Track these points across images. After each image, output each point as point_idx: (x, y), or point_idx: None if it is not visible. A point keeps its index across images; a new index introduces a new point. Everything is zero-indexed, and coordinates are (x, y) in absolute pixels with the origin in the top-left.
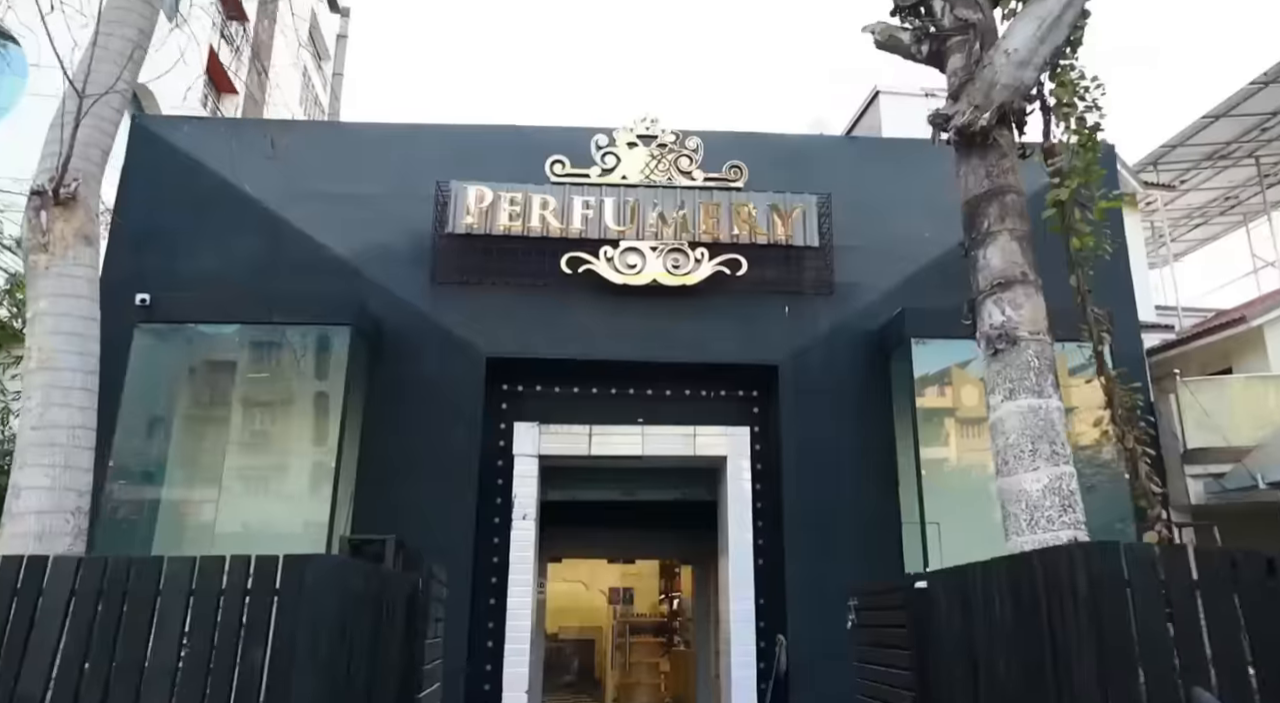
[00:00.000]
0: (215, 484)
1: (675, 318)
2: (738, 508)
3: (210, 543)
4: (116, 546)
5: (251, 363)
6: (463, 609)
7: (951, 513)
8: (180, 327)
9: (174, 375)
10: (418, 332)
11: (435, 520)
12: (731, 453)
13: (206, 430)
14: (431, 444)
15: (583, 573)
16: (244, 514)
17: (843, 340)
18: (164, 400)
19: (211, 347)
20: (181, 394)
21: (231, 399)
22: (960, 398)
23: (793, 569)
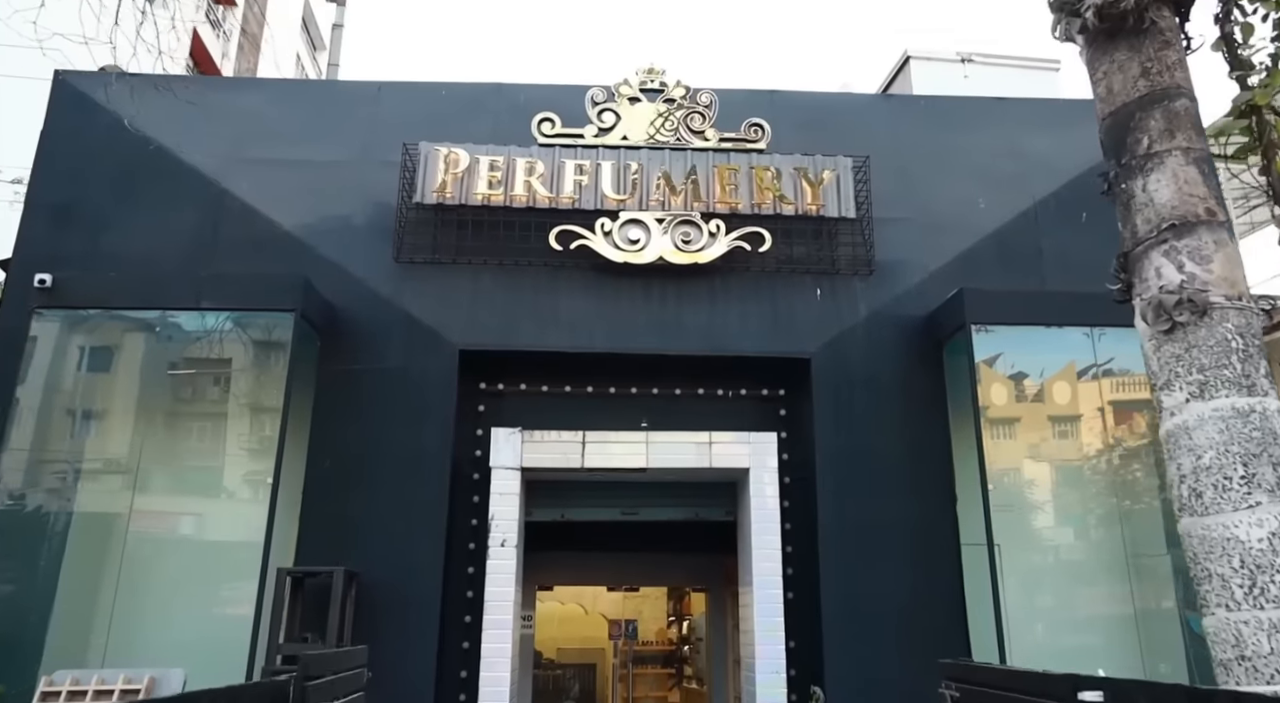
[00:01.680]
0: (128, 496)
1: (686, 303)
2: (763, 530)
3: (116, 569)
4: (16, 566)
5: (176, 356)
6: (426, 659)
7: (1020, 534)
8: (87, 313)
9: (80, 369)
10: (378, 320)
11: (396, 545)
12: (754, 464)
13: (119, 434)
14: (393, 454)
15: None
16: (162, 534)
17: (886, 329)
18: (69, 398)
19: (126, 336)
20: (91, 391)
21: (151, 398)
22: (1030, 395)
23: (830, 604)
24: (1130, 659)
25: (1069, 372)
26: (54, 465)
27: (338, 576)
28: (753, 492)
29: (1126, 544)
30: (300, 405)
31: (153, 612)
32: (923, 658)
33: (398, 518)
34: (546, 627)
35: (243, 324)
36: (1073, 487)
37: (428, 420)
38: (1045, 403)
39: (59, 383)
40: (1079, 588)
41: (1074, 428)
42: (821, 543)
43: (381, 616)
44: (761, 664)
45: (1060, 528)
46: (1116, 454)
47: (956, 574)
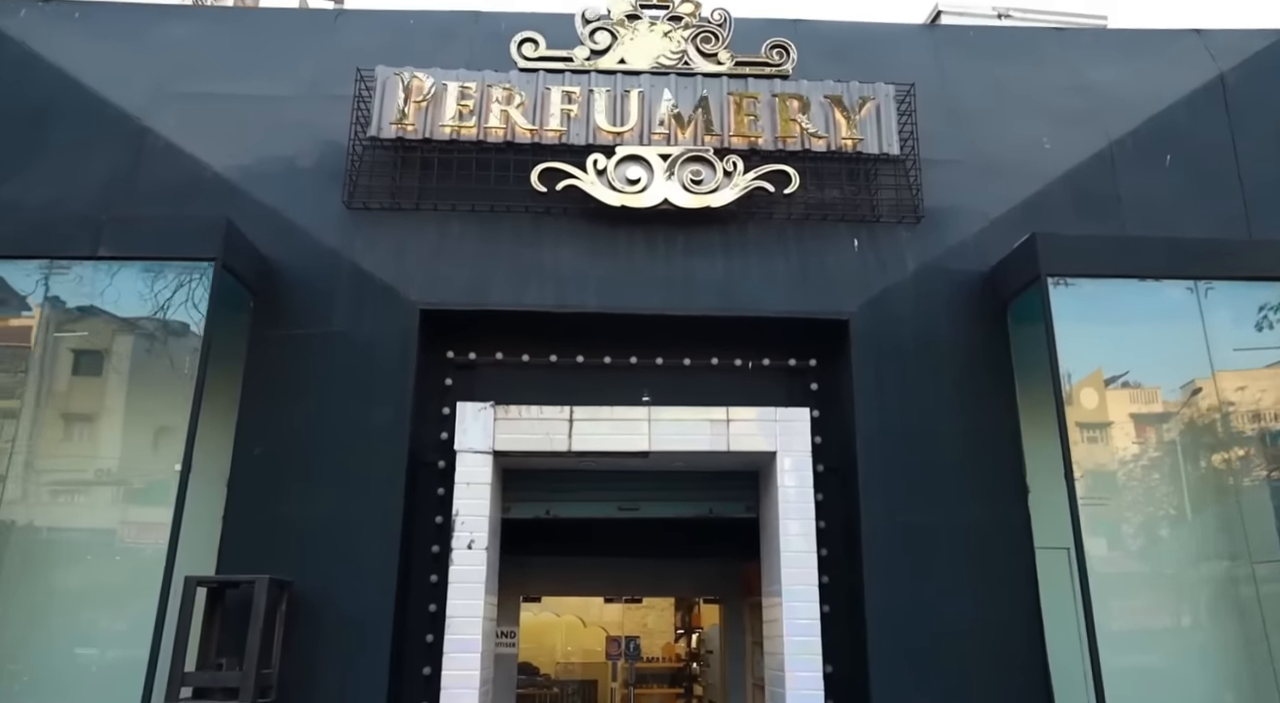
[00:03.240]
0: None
1: (697, 254)
2: (794, 529)
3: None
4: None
5: (64, 318)
6: (375, 689)
7: (1110, 535)
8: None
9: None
10: (322, 275)
11: (341, 549)
12: (782, 447)
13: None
14: (338, 438)
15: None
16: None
17: (938, 286)
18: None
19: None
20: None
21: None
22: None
23: (877, 622)
24: (1266, 696)
25: (1168, 335)
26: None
27: (260, 585)
28: (780, 481)
29: (1250, 550)
30: (226, 381)
31: (28, 637)
32: (992, 690)
33: (343, 516)
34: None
35: (152, 278)
36: (1176, 478)
37: (381, 396)
38: (1140, 373)
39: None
40: (1189, 603)
41: (1178, 404)
42: (866, 546)
43: (321, 635)
44: (795, 695)
45: (1161, 528)
46: (1235, 437)
47: (1031, 583)
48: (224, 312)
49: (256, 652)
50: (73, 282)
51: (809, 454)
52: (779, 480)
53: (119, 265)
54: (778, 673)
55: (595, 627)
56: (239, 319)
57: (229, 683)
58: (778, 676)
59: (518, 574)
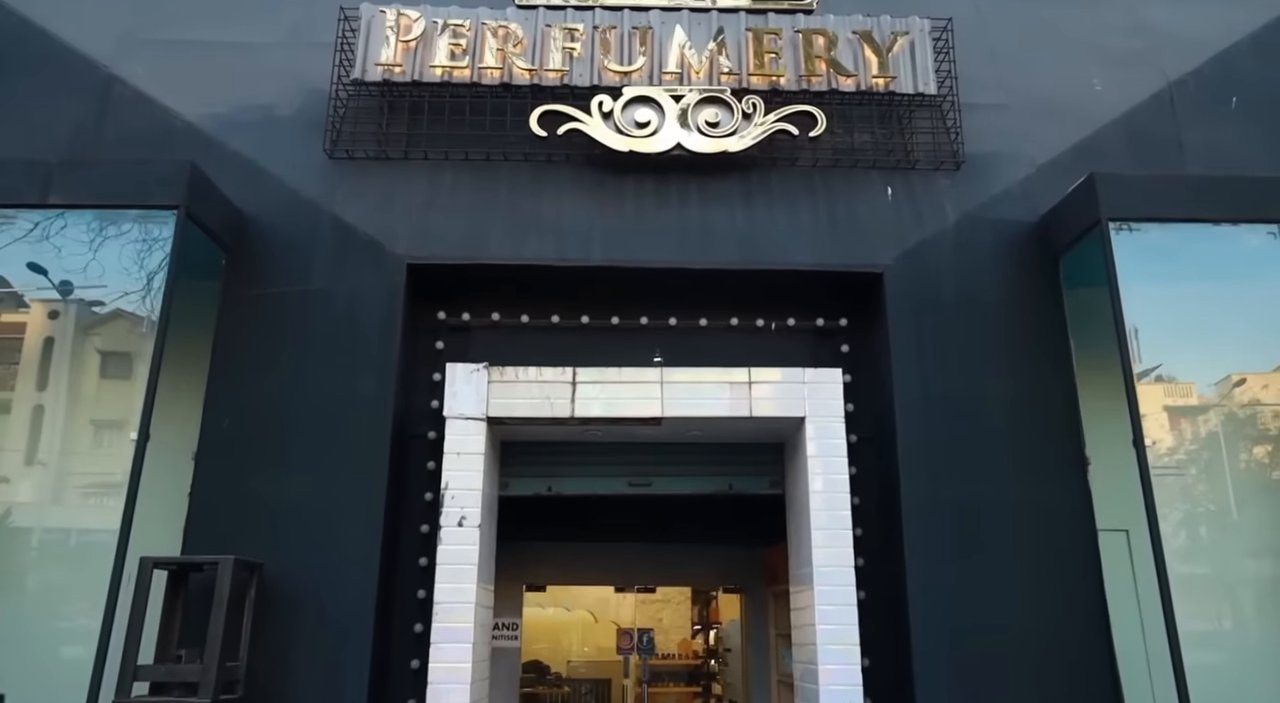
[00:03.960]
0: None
1: (713, 204)
2: (826, 504)
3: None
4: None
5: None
6: (356, 683)
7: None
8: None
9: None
10: (301, 229)
11: (319, 529)
12: (812, 412)
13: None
14: (316, 408)
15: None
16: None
17: (982, 237)
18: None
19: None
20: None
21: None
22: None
23: (921, 608)
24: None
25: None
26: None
27: (224, 567)
28: (811, 450)
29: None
30: (195, 346)
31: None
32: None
33: (321, 493)
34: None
35: (105, 229)
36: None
37: (364, 360)
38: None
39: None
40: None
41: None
42: (907, 526)
43: (296, 625)
44: (829, 691)
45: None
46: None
47: (1092, 570)
48: (193, 270)
49: (219, 642)
50: (19, 234)
51: (842, 420)
52: (808, 450)
53: (72, 216)
54: (809, 667)
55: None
56: (208, 279)
57: (189, 677)
58: (809, 670)
59: (519, 561)
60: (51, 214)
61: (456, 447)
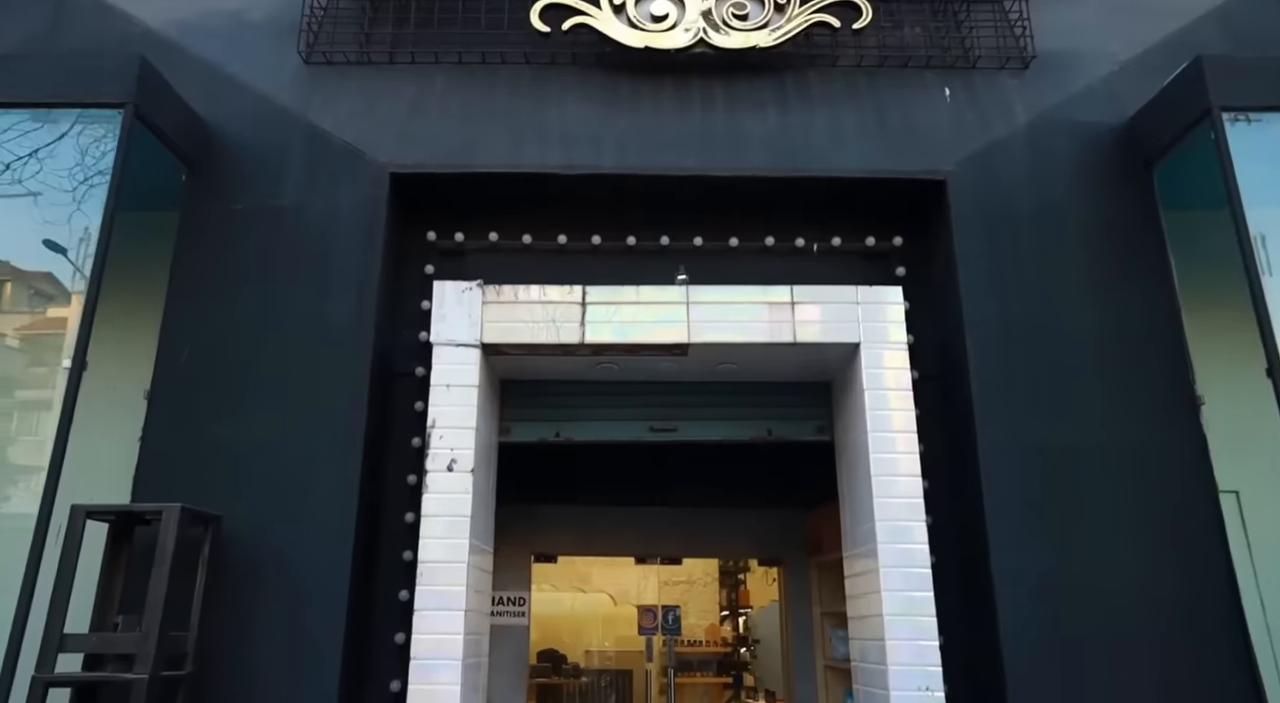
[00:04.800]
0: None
1: (742, 107)
2: (888, 451)
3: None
4: None
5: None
6: (328, 657)
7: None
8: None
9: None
10: (271, 139)
11: (287, 479)
12: (869, 338)
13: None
14: (286, 337)
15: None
16: None
17: (1059, 141)
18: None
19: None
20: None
21: None
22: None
23: (1008, 573)
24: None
25: None
26: None
27: (169, 517)
28: (868, 382)
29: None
30: (150, 269)
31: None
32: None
33: (291, 437)
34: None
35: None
36: None
37: (341, 285)
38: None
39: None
40: None
41: None
42: (985, 476)
43: (259, 589)
44: (900, 672)
45: None
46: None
47: (1213, 528)
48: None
49: (160, 607)
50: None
51: (905, 347)
52: (863, 382)
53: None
54: (872, 643)
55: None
56: (167, 195)
57: (124, 648)
58: (872, 646)
59: (526, 527)
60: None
61: (446, 378)
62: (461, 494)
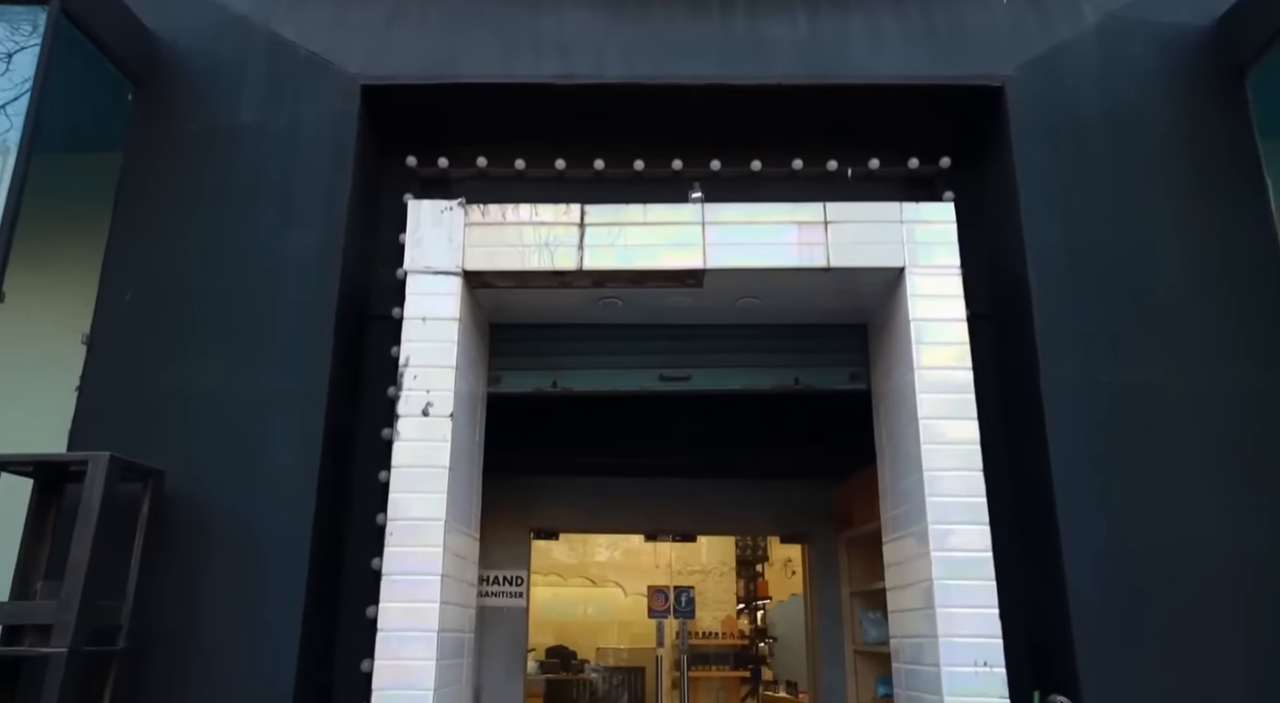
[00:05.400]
0: None
1: (764, 11)
2: (935, 395)
3: None
4: None
5: None
6: (285, 633)
7: None
8: None
9: None
10: (228, 52)
11: (241, 431)
12: (916, 262)
13: None
14: (242, 274)
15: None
16: None
17: (1134, 44)
18: None
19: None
20: None
21: None
22: None
23: (1077, 533)
24: None
25: None
26: None
27: (96, 467)
28: (914, 310)
29: None
30: (89, 198)
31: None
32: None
33: (246, 386)
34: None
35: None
36: None
37: (305, 214)
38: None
39: None
40: None
41: None
42: (1051, 423)
43: (208, 554)
44: (954, 643)
45: None
46: None
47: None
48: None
49: (83, 570)
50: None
51: (957, 272)
52: (909, 312)
53: None
54: (919, 614)
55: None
56: (112, 116)
57: (43, 617)
58: (919, 618)
59: (524, 499)
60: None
61: (421, 310)
62: (438, 443)
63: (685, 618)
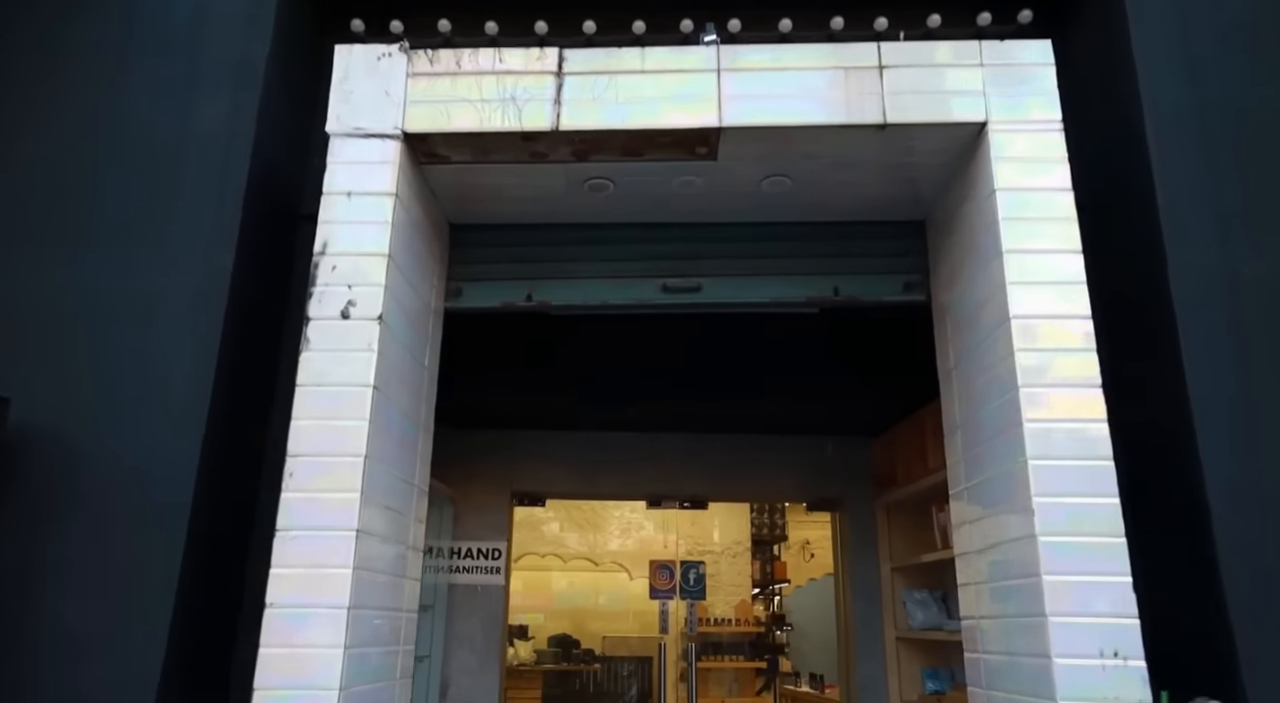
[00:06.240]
0: None
1: None
2: (1035, 301)
3: None
4: None
5: None
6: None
7: None
8: None
9: None
10: None
11: (116, 345)
12: (1000, 116)
13: None
14: (130, 149)
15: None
16: None
17: None
18: None
19: None
20: None
21: None
22: None
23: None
24: None
25: None
26: None
27: None
28: (1000, 176)
29: None
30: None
31: None
32: None
33: (125, 289)
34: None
35: None
36: None
37: (212, 80)
38: None
39: None
40: None
41: None
42: (1186, 338)
43: (63, 500)
44: (1066, 629)
45: None
46: None
47: None
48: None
49: None
50: None
51: (1058, 127)
52: (994, 180)
53: None
54: (1010, 588)
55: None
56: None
57: None
58: (1010, 593)
59: (505, 459)
60: None
61: (345, 182)
62: (360, 353)
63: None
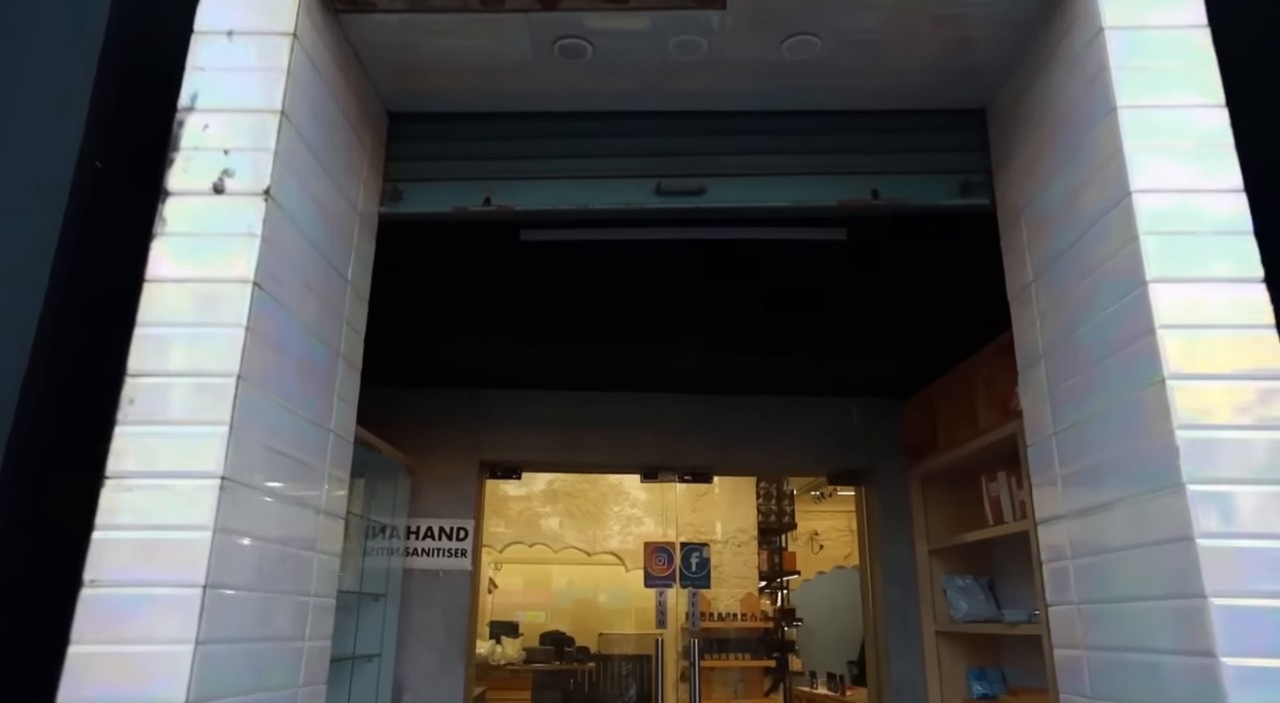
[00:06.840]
0: None
1: None
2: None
3: None
4: None
5: None
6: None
7: None
8: None
9: None
10: None
11: None
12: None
13: None
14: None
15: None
16: None
17: None
18: None
19: None
20: None
21: None
22: None
23: None
24: None
25: None
26: None
27: None
28: (1111, 20)
29: None
30: None
31: None
32: None
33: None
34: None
35: None
36: None
37: None
38: None
39: None
40: None
41: None
42: None
43: None
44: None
45: None
46: None
47: None
48: None
49: None
50: None
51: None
52: (1101, 19)
53: None
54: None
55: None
56: None
57: None
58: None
59: (472, 424)
60: None
61: (224, 19)
62: (238, 239)
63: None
